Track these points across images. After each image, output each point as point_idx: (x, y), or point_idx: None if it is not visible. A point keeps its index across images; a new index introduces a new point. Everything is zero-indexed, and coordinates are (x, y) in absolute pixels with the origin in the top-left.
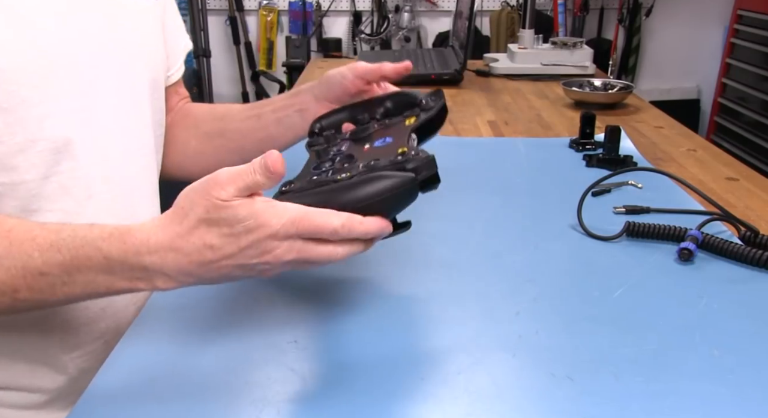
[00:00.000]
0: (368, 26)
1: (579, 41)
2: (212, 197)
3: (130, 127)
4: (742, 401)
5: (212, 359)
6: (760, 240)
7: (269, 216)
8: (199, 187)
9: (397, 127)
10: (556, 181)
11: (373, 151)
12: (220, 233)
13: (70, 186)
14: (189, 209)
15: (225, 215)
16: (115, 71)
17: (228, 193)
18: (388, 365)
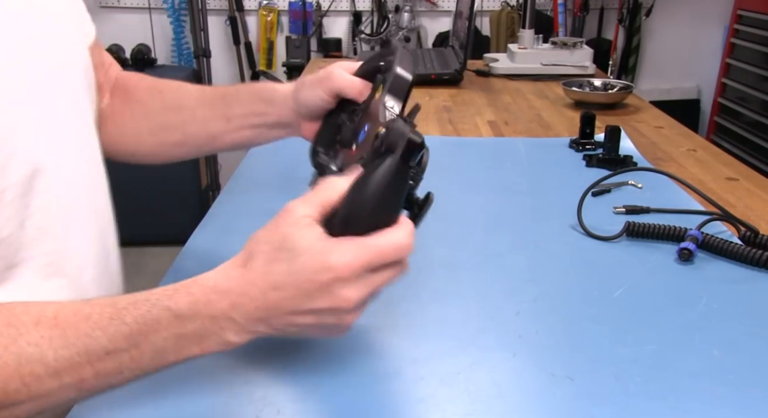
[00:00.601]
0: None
1: (579, 41)
2: (280, 228)
3: (84, 137)
4: (742, 401)
5: (212, 358)
6: (760, 240)
7: (328, 255)
8: (268, 226)
9: (372, 107)
10: (556, 181)
11: (359, 149)
12: (280, 270)
13: (46, 226)
14: (254, 247)
15: (286, 247)
16: (56, 73)
17: (295, 214)
18: (388, 365)
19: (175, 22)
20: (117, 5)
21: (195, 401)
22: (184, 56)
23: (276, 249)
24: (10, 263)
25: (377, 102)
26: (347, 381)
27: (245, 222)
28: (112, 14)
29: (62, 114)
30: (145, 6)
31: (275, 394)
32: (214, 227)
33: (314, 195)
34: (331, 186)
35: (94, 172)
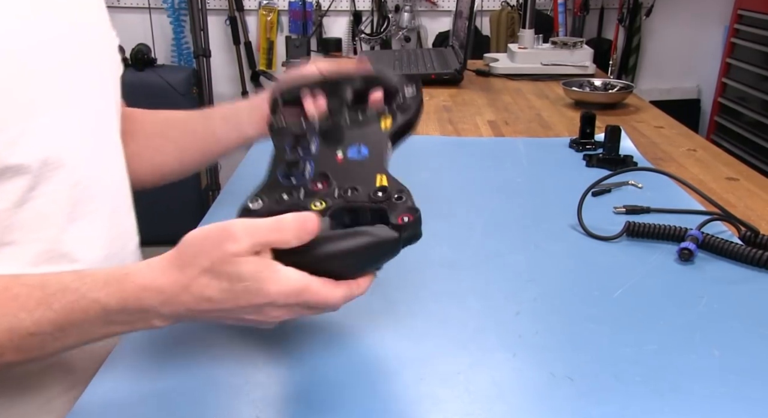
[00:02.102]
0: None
1: (579, 41)
2: (222, 250)
3: (106, 136)
4: (742, 401)
5: (213, 358)
6: (760, 240)
7: (271, 283)
8: (210, 236)
9: (372, 130)
10: (556, 181)
11: (348, 166)
12: (219, 287)
13: (48, 212)
14: (194, 256)
15: (229, 270)
16: (87, 74)
17: (241, 246)
18: (388, 365)
19: (175, 21)
20: (117, 5)
21: (195, 402)
22: (184, 56)
23: (217, 266)
24: (1, 240)
25: (383, 134)
26: (347, 381)
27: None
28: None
29: (87, 106)
30: (145, 6)
31: (275, 394)
32: None
33: (266, 231)
34: (284, 229)
35: (113, 168)
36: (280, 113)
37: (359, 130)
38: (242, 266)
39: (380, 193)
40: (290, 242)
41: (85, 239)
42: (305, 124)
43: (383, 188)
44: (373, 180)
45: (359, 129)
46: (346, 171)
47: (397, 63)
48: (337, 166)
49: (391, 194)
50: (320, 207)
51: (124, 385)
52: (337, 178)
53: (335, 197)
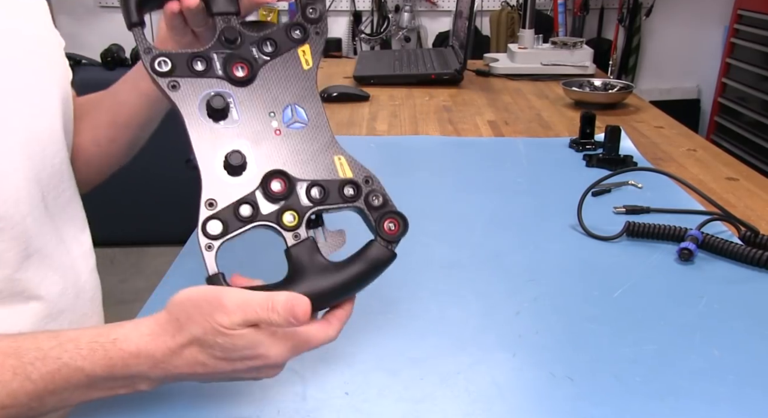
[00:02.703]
0: (368, 26)
1: (579, 41)
2: (214, 321)
3: (48, 160)
4: (742, 401)
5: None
6: (760, 240)
7: (268, 349)
8: (200, 304)
9: (294, 72)
10: (556, 181)
11: (291, 142)
12: (213, 354)
13: (3, 251)
14: (184, 323)
15: (222, 342)
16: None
17: (232, 321)
18: (388, 365)
19: None
20: (117, 5)
21: (195, 402)
22: None
23: (209, 337)
24: None
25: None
26: (347, 381)
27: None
28: (112, 14)
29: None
30: None
31: (275, 394)
32: None
33: (257, 308)
34: (275, 310)
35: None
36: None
37: (277, 71)
38: (234, 338)
39: (350, 189)
40: (279, 324)
41: (38, 275)
42: (204, 66)
43: (351, 183)
44: (332, 167)
45: (276, 70)
46: (293, 151)
47: (397, 63)
48: (279, 142)
49: (363, 190)
50: (293, 222)
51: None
52: (291, 168)
53: (302, 203)
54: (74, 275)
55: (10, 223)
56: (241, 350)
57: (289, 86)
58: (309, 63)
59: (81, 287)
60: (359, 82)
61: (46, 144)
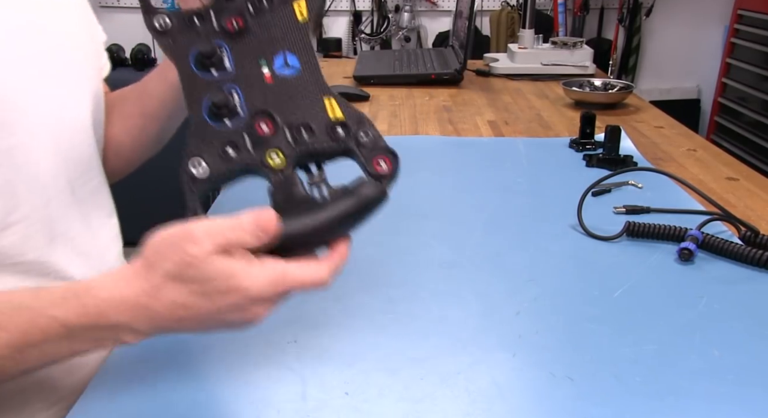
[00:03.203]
0: (368, 26)
1: (579, 41)
2: (183, 252)
3: (76, 149)
4: (742, 401)
5: (212, 358)
6: (761, 240)
7: (243, 278)
8: (169, 239)
9: (287, 22)
10: (556, 181)
11: (282, 87)
12: (190, 291)
13: (23, 237)
14: (156, 261)
15: (194, 273)
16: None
17: (202, 249)
18: (388, 365)
19: None
20: (117, 5)
21: (195, 402)
22: None
23: (182, 270)
24: None
25: (303, 27)
26: (347, 381)
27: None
28: (112, 14)
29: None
30: None
31: (275, 394)
32: None
33: (225, 230)
34: (242, 228)
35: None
36: (160, 13)
37: (271, 23)
38: (206, 267)
39: (339, 129)
40: (248, 241)
41: (66, 260)
42: (200, 23)
43: (341, 123)
44: (321, 107)
45: (271, 22)
46: (283, 96)
47: (397, 63)
48: (269, 88)
49: (352, 129)
50: (279, 162)
51: (122, 382)
52: (279, 111)
53: (289, 143)
54: (101, 260)
55: (36, 206)
56: (216, 279)
57: (283, 36)
58: (304, 15)
59: (105, 271)
60: (359, 82)
61: (74, 133)
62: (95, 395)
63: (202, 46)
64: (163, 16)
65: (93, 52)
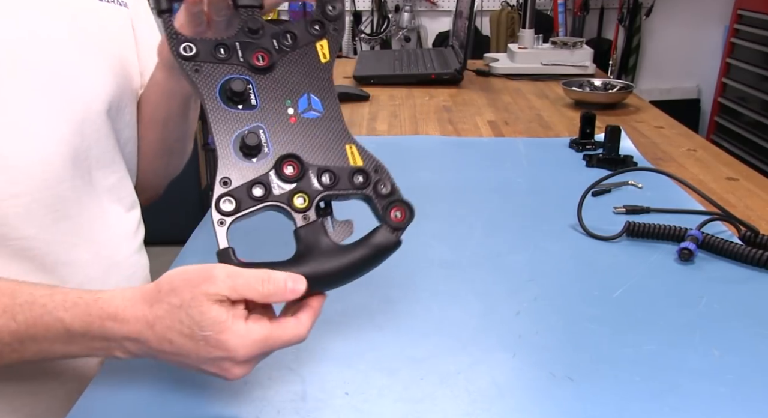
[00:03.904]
0: (368, 26)
1: (579, 41)
2: (199, 291)
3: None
4: (742, 401)
5: None
6: (760, 240)
7: (231, 336)
8: (190, 278)
9: (311, 64)
10: (556, 181)
11: (306, 128)
12: (181, 331)
13: (34, 209)
14: (165, 294)
15: (193, 314)
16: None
17: (218, 289)
18: (388, 365)
19: None
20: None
21: (195, 402)
22: None
23: (185, 307)
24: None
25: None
26: (347, 381)
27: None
28: None
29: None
30: None
31: (275, 394)
32: None
33: (248, 279)
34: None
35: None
36: (186, 40)
37: (295, 63)
38: (207, 312)
39: (360, 177)
40: (272, 293)
41: (69, 240)
42: (226, 54)
43: (361, 171)
44: (343, 154)
45: (295, 61)
46: (306, 138)
47: (397, 63)
48: (293, 128)
49: (372, 178)
50: (304, 205)
51: (121, 383)
52: (304, 153)
53: (314, 187)
54: (114, 250)
55: (45, 184)
56: (207, 329)
57: (307, 77)
58: (326, 57)
59: (116, 261)
60: (359, 82)
61: (91, 129)
62: (95, 394)
63: (233, 83)
64: (189, 44)
65: (134, 54)
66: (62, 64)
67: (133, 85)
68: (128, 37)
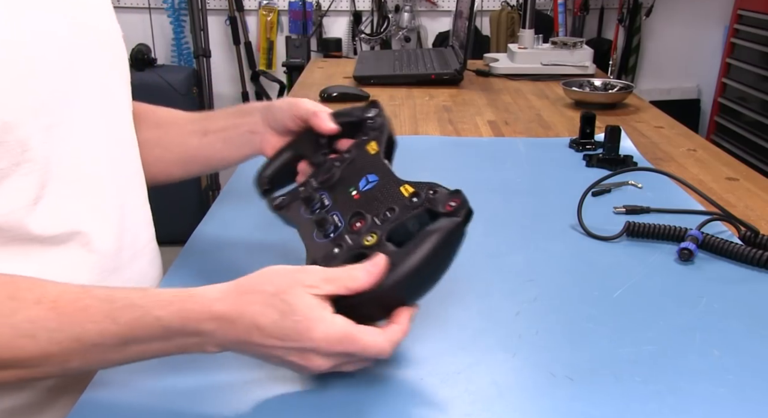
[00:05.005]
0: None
1: (579, 41)
2: (292, 278)
3: (114, 134)
4: (742, 401)
5: (212, 359)
6: (760, 240)
7: (319, 325)
8: (283, 269)
9: (366, 159)
10: (556, 181)
11: (368, 197)
12: (272, 318)
13: (62, 210)
14: (260, 283)
15: (287, 299)
16: (93, 71)
17: (312, 280)
18: (388, 365)
19: (175, 21)
20: (117, 5)
21: (195, 401)
22: (184, 56)
23: (279, 294)
24: (18, 237)
25: (378, 157)
26: (347, 381)
27: (245, 222)
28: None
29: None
30: (145, 6)
31: (274, 394)
32: (214, 227)
33: (334, 276)
34: (354, 276)
35: (125, 162)
36: (276, 194)
37: (355, 166)
38: (299, 299)
39: (415, 198)
40: (359, 277)
41: (98, 230)
42: (304, 188)
43: (414, 194)
44: (399, 194)
45: (352, 165)
46: (370, 201)
47: (397, 63)
48: (360, 202)
49: (425, 193)
50: (373, 240)
51: (121, 383)
52: (368, 210)
53: (379, 225)
54: (135, 239)
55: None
56: (297, 314)
57: (363, 167)
58: (376, 149)
59: (137, 246)
60: (359, 82)
61: (117, 117)
62: (95, 394)
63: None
64: (281, 198)
65: (122, 51)
66: (77, 64)
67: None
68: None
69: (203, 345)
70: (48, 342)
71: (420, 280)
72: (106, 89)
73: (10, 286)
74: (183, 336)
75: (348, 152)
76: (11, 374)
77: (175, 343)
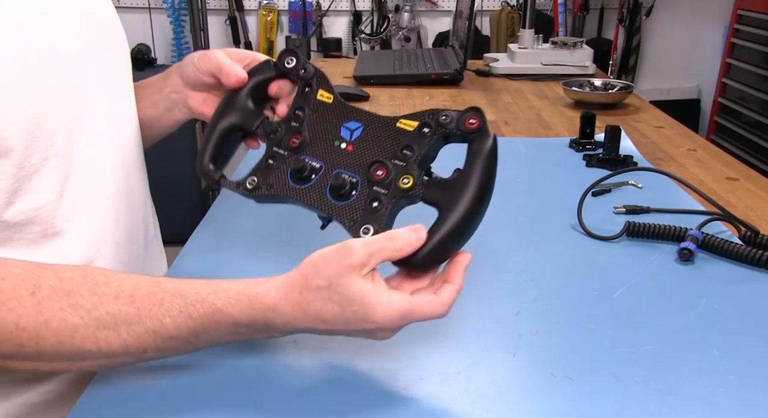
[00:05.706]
0: (368, 26)
1: (579, 41)
2: (339, 265)
3: (123, 129)
4: (742, 401)
5: (212, 359)
6: (761, 240)
7: (378, 309)
8: (329, 257)
9: (326, 110)
10: (556, 181)
11: (362, 144)
12: (333, 312)
13: (80, 203)
14: (312, 278)
15: (342, 291)
16: (104, 68)
17: (358, 258)
18: (389, 365)
19: (175, 22)
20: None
21: (195, 401)
22: (184, 56)
23: (333, 286)
24: (49, 231)
25: None
26: (347, 381)
27: (245, 222)
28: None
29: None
30: (145, 6)
31: (274, 393)
32: (214, 227)
33: (381, 240)
34: (392, 241)
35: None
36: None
37: (321, 120)
38: (353, 288)
39: (425, 129)
40: (401, 246)
41: (107, 231)
42: (274, 160)
43: (423, 124)
44: (403, 131)
45: (320, 119)
46: (370, 147)
47: (397, 63)
48: (357, 153)
49: (434, 121)
50: (410, 181)
51: (120, 384)
52: (378, 156)
53: (403, 165)
54: (144, 232)
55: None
56: (354, 305)
57: (330, 118)
58: (329, 96)
59: (148, 237)
60: (359, 82)
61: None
62: (96, 394)
63: (293, 166)
64: (250, 179)
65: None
66: (91, 62)
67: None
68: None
69: (270, 334)
70: (128, 334)
71: (484, 203)
72: (114, 86)
73: (88, 279)
74: (252, 330)
75: (300, 109)
76: (92, 364)
77: (244, 334)
